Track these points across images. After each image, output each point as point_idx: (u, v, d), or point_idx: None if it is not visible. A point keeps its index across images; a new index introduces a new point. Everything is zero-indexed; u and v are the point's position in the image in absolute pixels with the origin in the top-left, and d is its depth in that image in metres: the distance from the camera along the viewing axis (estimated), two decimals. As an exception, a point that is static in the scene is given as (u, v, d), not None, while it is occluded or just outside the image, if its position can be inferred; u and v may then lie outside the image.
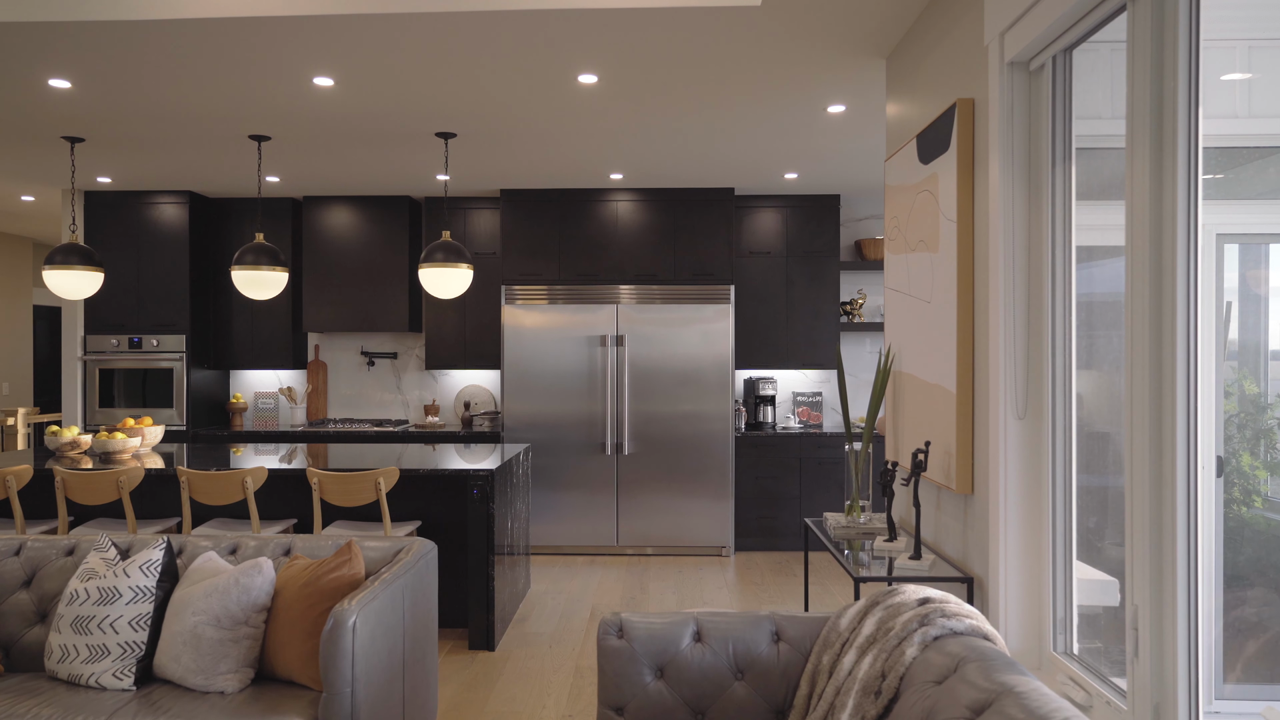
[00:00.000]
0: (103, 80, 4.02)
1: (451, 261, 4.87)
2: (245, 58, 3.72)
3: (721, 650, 2.21)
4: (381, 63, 3.78)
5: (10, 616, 2.93)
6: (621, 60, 3.75)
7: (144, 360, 6.59)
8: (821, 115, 4.55)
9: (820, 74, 3.93)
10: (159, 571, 2.77)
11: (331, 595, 2.63)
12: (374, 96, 4.24)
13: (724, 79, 3.99)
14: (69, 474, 4.14)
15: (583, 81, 4.00)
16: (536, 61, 3.77)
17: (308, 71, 3.90)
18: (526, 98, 4.26)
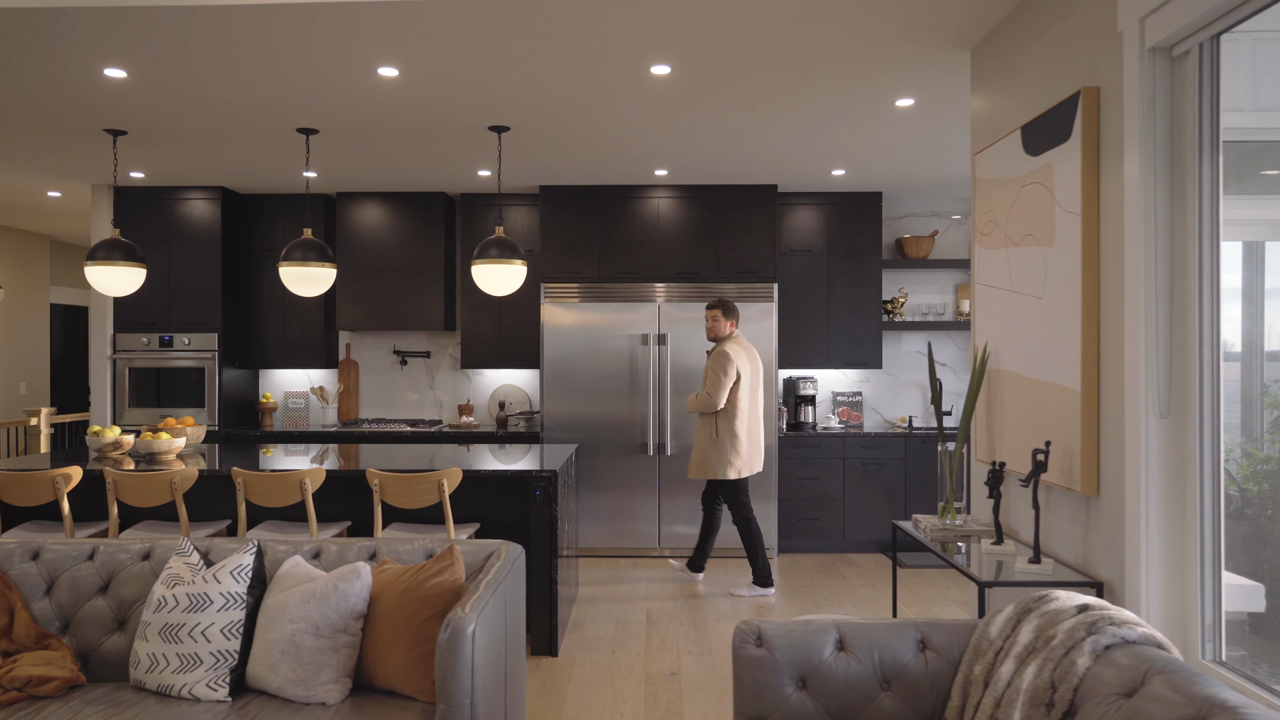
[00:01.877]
0: (159, 71, 3.90)
1: (505, 258, 4.76)
2: (309, 46, 3.61)
3: (866, 659, 2.11)
4: (447, 52, 3.67)
5: (88, 624, 2.82)
6: (697, 50, 3.66)
7: (175, 359, 6.47)
8: (889, 109, 4.46)
9: (894, 66, 3.84)
10: (250, 577, 2.66)
11: (434, 602, 2.53)
12: (435, 88, 4.13)
13: (796, 71, 3.90)
14: (120, 475, 4.03)
15: (655, 73, 3.90)
16: (608, 51, 3.67)
17: (373, 61, 3.79)
18: (591, 90, 4.16)
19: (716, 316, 5.34)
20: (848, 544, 6.49)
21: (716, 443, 5.25)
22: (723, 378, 5.17)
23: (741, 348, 5.31)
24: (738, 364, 5.21)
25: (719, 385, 5.18)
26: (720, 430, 5.26)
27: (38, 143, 5.17)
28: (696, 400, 5.27)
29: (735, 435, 5.25)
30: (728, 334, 5.35)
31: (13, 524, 4.57)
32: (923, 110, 4.47)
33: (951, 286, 7.01)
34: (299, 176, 6.13)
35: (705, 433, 5.31)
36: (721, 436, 5.25)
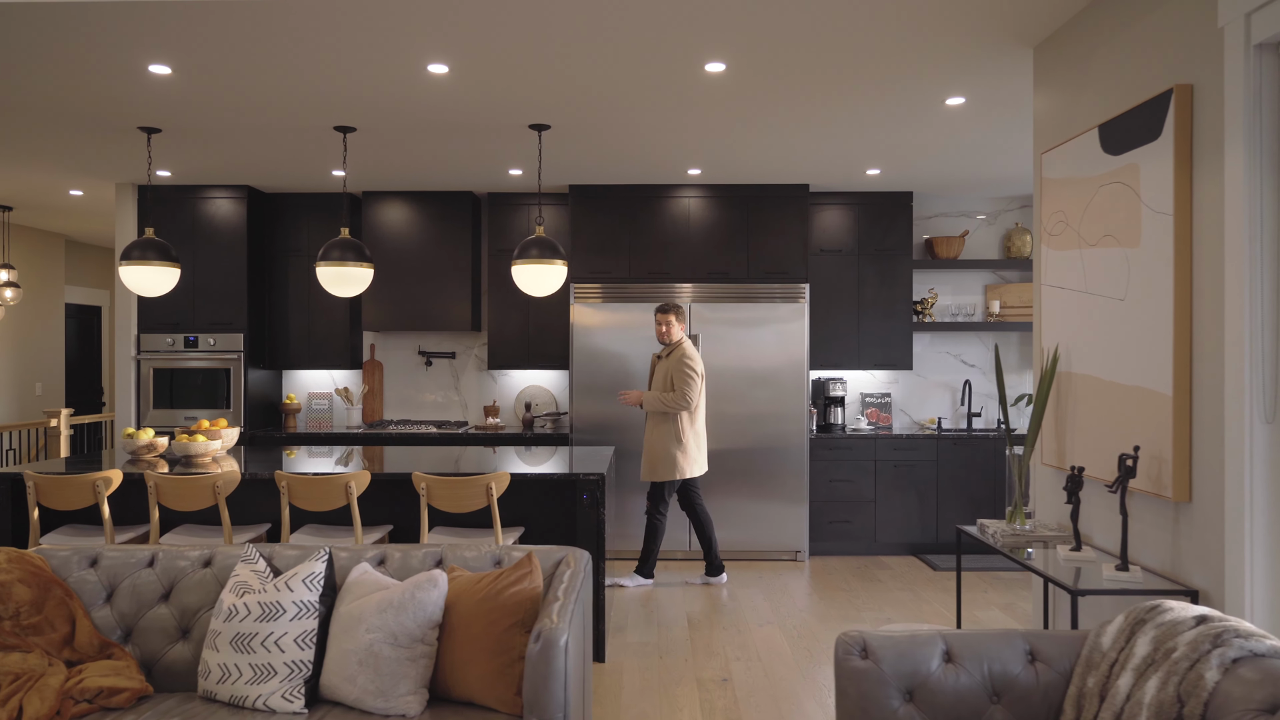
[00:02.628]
0: (203, 67, 3.83)
1: (546, 258, 4.70)
2: (360, 41, 3.55)
3: (975, 671, 2.06)
4: (498, 48, 3.61)
5: (151, 632, 2.75)
6: (753, 47, 3.60)
7: (200, 360, 6.39)
8: (939, 108, 4.41)
9: (948, 65, 3.78)
10: (322, 585, 2.60)
11: (514, 611, 2.47)
12: (482, 85, 4.07)
13: (849, 68, 3.84)
14: (162, 479, 3.96)
15: (710, 70, 3.84)
16: (664, 48, 3.61)
17: (425, 58, 3.73)
18: (640, 88, 4.10)
19: (670, 321, 5.33)
20: (879, 546, 6.44)
21: (681, 444, 5.27)
22: (695, 379, 5.21)
23: (695, 349, 5.41)
24: (700, 365, 5.30)
25: (692, 386, 5.20)
26: (684, 431, 5.29)
27: (68, 140, 5.09)
28: (661, 400, 5.22)
29: (698, 435, 5.33)
30: (679, 337, 5.34)
31: (48, 528, 4.49)
32: (972, 109, 4.42)
33: (980, 287, 6.96)
34: (328, 175, 6.06)
35: (667, 433, 5.28)
36: (686, 437, 5.29)
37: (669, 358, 5.30)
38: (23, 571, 2.73)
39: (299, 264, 6.67)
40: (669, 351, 5.32)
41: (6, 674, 2.45)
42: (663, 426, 5.30)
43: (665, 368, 5.29)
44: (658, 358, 5.43)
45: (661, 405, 5.23)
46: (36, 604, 2.69)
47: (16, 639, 2.60)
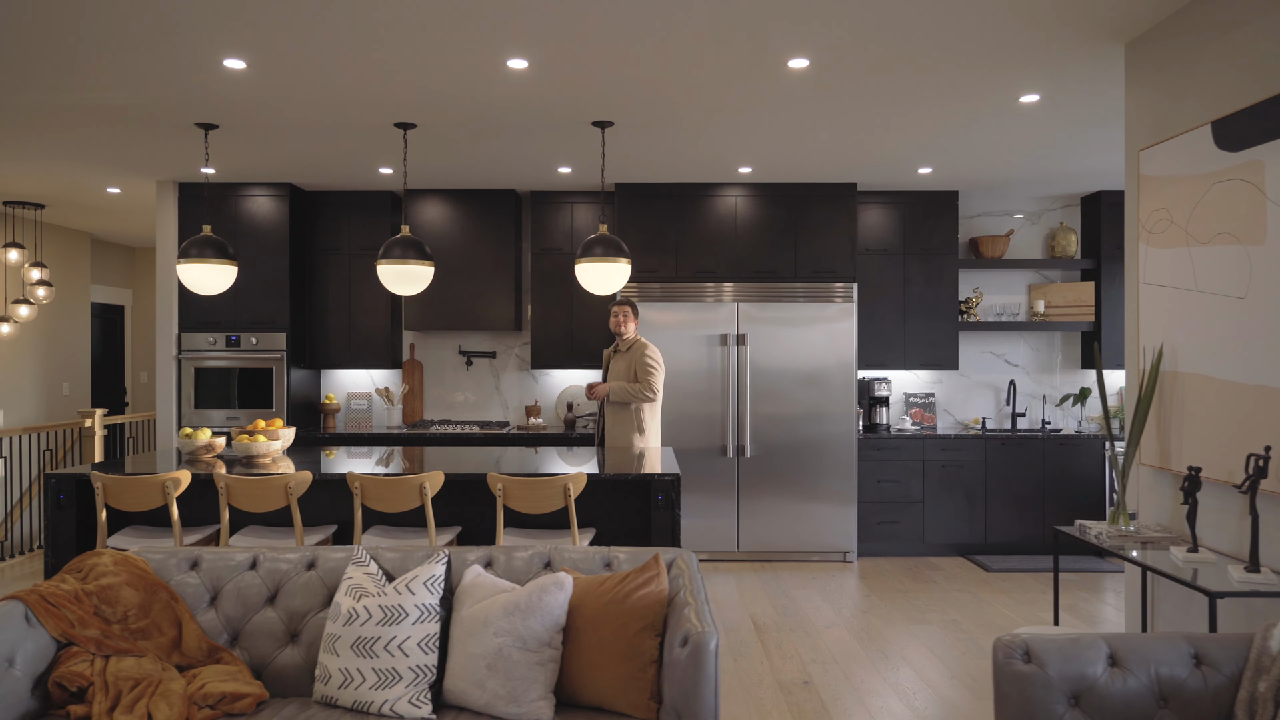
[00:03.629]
0: (279, 60, 3.78)
1: (611, 256, 4.65)
2: (441, 34, 3.49)
3: (1142, 675, 2.02)
4: (579, 44, 3.57)
5: (259, 636, 2.69)
6: (838, 42, 3.56)
7: (242, 359, 6.33)
8: (1011, 105, 4.37)
9: (1028, 60, 3.75)
10: (443, 588, 2.55)
11: (643, 614, 2.42)
12: (558, 81, 4.02)
13: (929, 64, 3.81)
14: (233, 480, 3.90)
15: (793, 66, 3.80)
16: (748, 43, 3.56)
17: (505, 53, 3.68)
18: (717, 84, 4.06)
19: (629, 314, 5.31)
20: (927, 547, 6.41)
21: (643, 433, 5.23)
22: (660, 371, 5.19)
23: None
24: (661, 357, 5.29)
25: (658, 378, 5.18)
26: (647, 424, 5.25)
27: (119, 136, 5.02)
28: (628, 390, 5.16)
29: (657, 428, 5.30)
30: (634, 333, 5.33)
31: (110, 530, 4.42)
32: (1046, 107, 4.39)
33: (1023, 287, 6.94)
34: (373, 173, 6.00)
35: (627, 422, 5.22)
36: (648, 430, 5.25)
37: (629, 351, 5.26)
38: (129, 574, 2.67)
39: (338, 262, 6.60)
40: (628, 346, 5.28)
41: (125, 679, 2.39)
42: (623, 415, 5.24)
43: (627, 361, 5.24)
44: (614, 352, 5.36)
45: (629, 396, 5.17)
46: (144, 608, 2.63)
47: (128, 643, 2.54)
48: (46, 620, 2.43)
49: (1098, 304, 6.61)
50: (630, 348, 5.27)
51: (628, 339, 5.30)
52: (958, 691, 3.81)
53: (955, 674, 4.01)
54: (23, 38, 3.50)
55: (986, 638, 4.53)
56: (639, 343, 5.27)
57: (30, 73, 3.91)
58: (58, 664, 2.42)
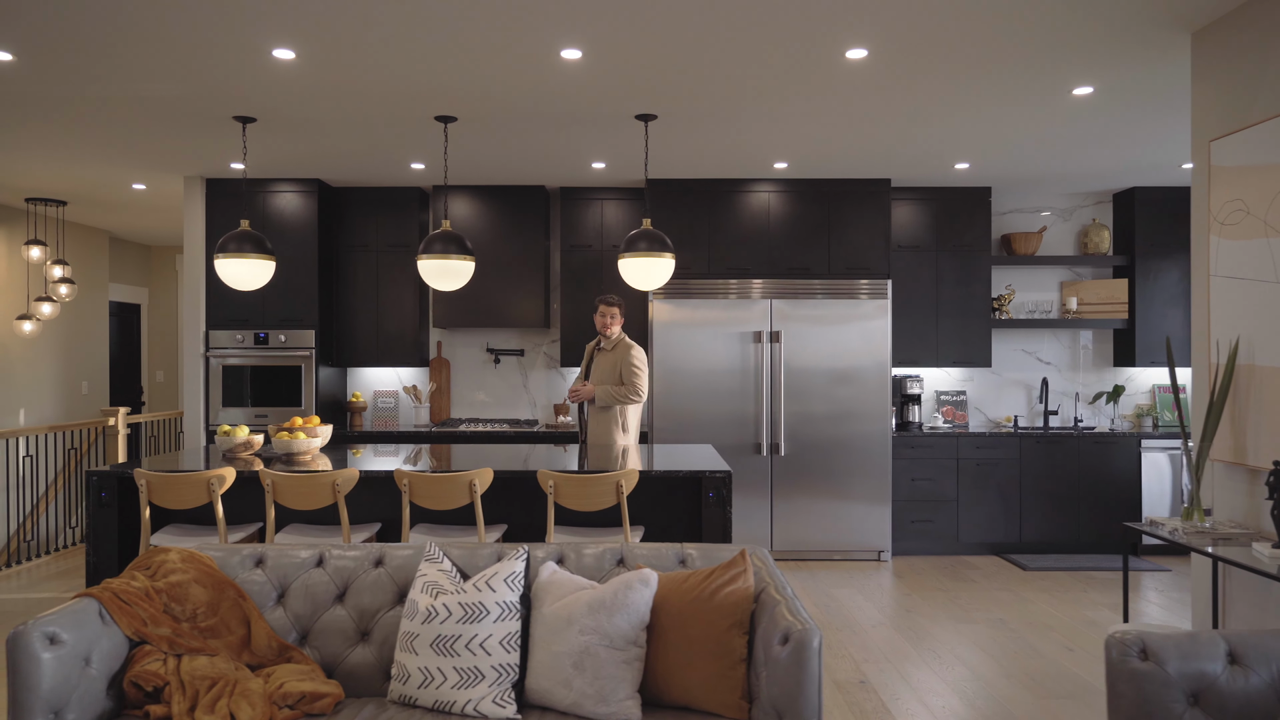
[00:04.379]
0: (328, 50, 3.72)
1: (655, 251, 4.60)
2: (494, 23, 3.44)
3: (1264, 672, 1.96)
4: (634, 33, 3.51)
5: (330, 634, 2.63)
6: (899, 32, 3.51)
7: (270, 357, 6.26)
8: (1064, 98, 4.32)
9: (1084, 51, 3.70)
10: (523, 585, 2.49)
11: (731, 611, 2.36)
12: (610, 72, 3.97)
13: (986, 55, 3.76)
14: (279, 477, 3.84)
15: (851, 57, 3.75)
16: (806, 33, 3.51)
17: (559, 42, 3.62)
18: (771, 75, 4.00)
19: (616, 314, 5.19)
20: (961, 546, 6.35)
21: (626, 431, 5.16)
22: (645, 374, 5.11)
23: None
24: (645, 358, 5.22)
25: (643, 381, 5.09)
26: (629, 424, 5.18)
27: (153, 130, 4.96)
28: (613, 394, 5.06)
29: (638, 427, 5.24)
30: (620, 332, 5.23)
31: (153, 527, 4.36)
32: (1099, 99, 4.33)
33: (1055, 284, 6.89)
34: (405, 169, 5.94)
35: (609, 420, 5.13)
36: (631, 428, 5.17)
37: (614, 351, 5.16)
38: (197, 571, 2.61)
39: (365, 259, 6.54)
40: (612, 345, 5.17)
41: (201, 678, 2.33)
42: (607, 413, 5.15)
43: (612, 360, 5.14)
44: (596, 349, 5.25)
45: (614, 399, 5.07)
46: (213, 605, 2.57)
47: (199, 642, 2.48)
48: (120, 618, 2.37)
49: (1131, 301, 6.56)
50: (615, 347, 5.16)
51: (613, 338, 5.19)
52: (1016, 690, 3.75)
53: (1010, 673, 3.96)
54: (69, 29, 3.44)
55: (1037, 637, 4.48)
56: (624, 343, 5.17)
57: (73, 64, 3.85)
58: (131, 663, 2.36)
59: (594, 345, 5.31)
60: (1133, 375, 6.84)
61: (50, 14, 3.32)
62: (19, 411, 7.46)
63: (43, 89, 4.19)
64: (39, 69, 3.91)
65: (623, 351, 5.14)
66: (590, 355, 5.32)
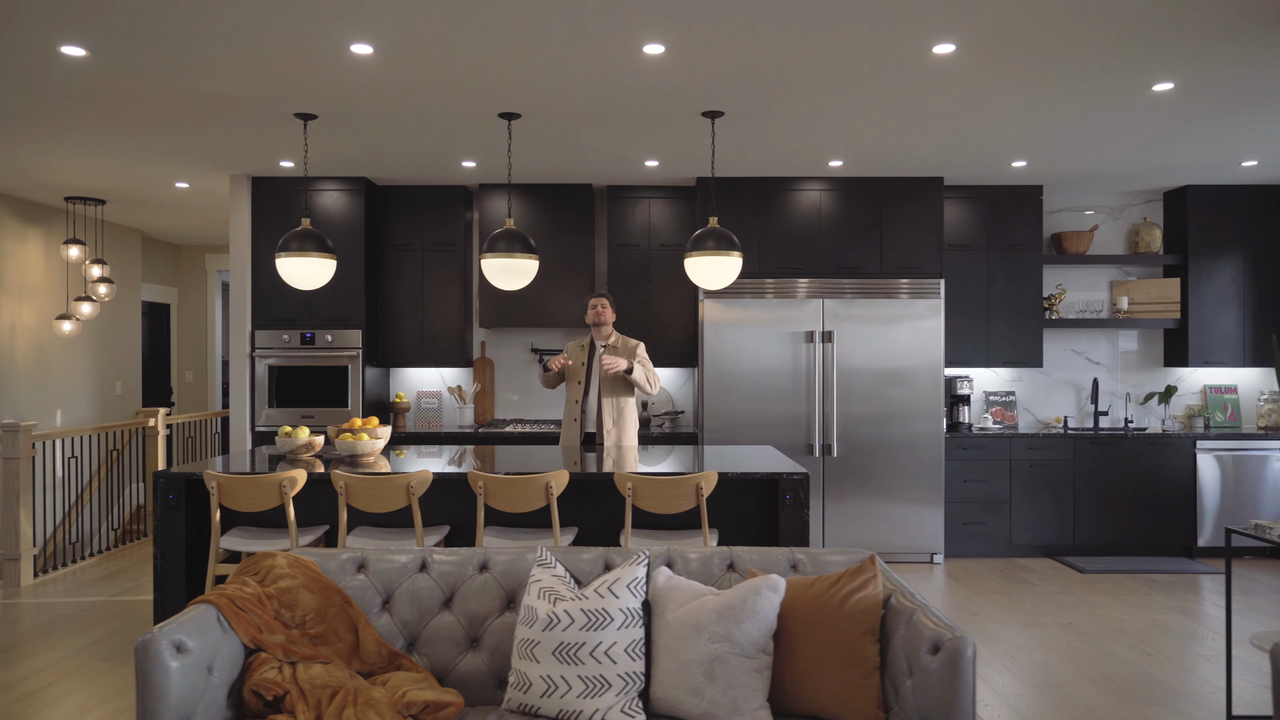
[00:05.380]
0: (404, 45, 3.66)
1: (723, 249, 4.54)
2: (571, 17, 3.38)
3: None
4: (717, 26, 3.45)
5: (439, 641, 2.58)
6: (988, 25, 3.44)
7: (317, 357, 6.21)
8: (1142, 94, 4.25)
9: (1168, 44, 3.63)
10: (645, 591, 2.43)
11: (862, 619, 2.30)
12: (690, 67, 3.90)
13: (1071, 49, 3.69)
14: (352, 479, 3.78)
15: (938, 52, 3.69)
16: (890, 27, 3.45)
17: (643, 37, 3.56)
18: (847, 71, 3.94)
19: (608, 305, 5.04)
20: (1014, 548, 6.29)
21: (632, 434, 5.07)
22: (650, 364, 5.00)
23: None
24: None
25: (653, 372, 4.99)
26: (637, 421, 5.11)
27: (209, 127, 4.90)
28: (646, 375, 4.90)
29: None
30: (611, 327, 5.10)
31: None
32: (1179, 94, 4.26)
33: (1104, 283, 6.82)
34: (455, 167, 5.88)
35: (630, 423, 5.03)
36: (636, 428, 5.09)
37: (620, 346, 5.02)
38: (305, 577, 2.55)
39: (410, 258, 6.48)
40: (609, 340, 5.03)
41: (321, 687, 2.27)
42: (626, 412, 5.02)
43: (622, 354, 5.00)
44: (585, 346, 5.09)
45: (645, 380, 4.90)
46: (321, 612, 2.52)
47: (310, 649, 2.43)
48: (237, 625, 2.31)
49: (1184, 300, 6.49)
50: (615, 342, 5.04)
51: (607, 331, 5.05)
52: (1104, 697, 3.68)
53: (1094, 679, 3.89)
54: (145, 25, 3.39)
55: (1112, 641, 4.41)
56: (625, 339, 5.07)
57: (144, 60, 3.79)
58: (248, 671, 2.30)
59: (583, 344, 5.11)
60: (1183, 375, 6.77)
61: (128, 10, 3.26)
62: (56, 412, 7.41)
63: (112, 85, 4.13)
64: (111, 65, 3.86)
65: (631, 346, 5.04)
66: (585, 354, 5.09)
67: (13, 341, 6.91)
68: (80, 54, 3.69)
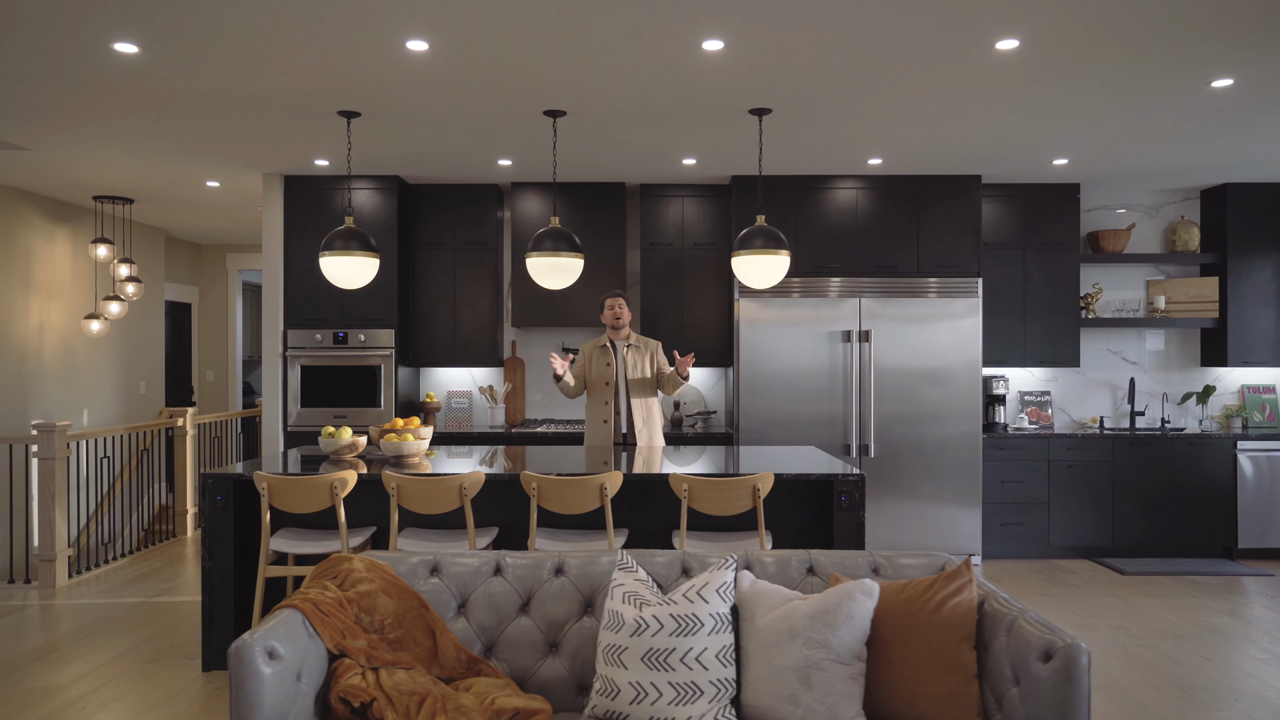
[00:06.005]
0: (460, 42, 3.61)
1: (772, 248, 4.49)
2: (637, 14, 3.33)
3: None
4: (779, 22, 3.40)
5: (518, 646, 2.53)
6: (1052, 22, 3.39)
7: (350, 357, 6.16)
8: (1200, 89, 4.20)
9: (1230, 39, 3.57)
10: (733, 595, 2.38)
11: (959, 624, 2.25)
12: (747, 63, 3.85)
13: (1131, 45, 3.64)
14: (404, 480, 3.74)
15: (1001, 48, 3.64)
16: (953, 22, 3.40)
17: (702, 33, 3.51)
18: (904, 67, 3.89)
19: (625, 304, 4.99)
20: (1052, 550, 6.23)
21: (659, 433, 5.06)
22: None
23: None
24: None
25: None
26: (661, 414, 5.11)
27: (248, 125, 4.86)
28: (671, 382, 4.92)
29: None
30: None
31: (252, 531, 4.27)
32: (1237, 91, 4.21)
33: (1140, 282, 6.76)
34: (491, 165, 5.83)
35: (658, 422, 5.03)
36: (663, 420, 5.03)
37: (638, 345, 4.99)
38: (382, 581, 2.51)
39: (442, 257, 6.44)
40: (628, 339, 4.98)
41: (407, 694, 2.22)
42: (653, 412, 5.01)
43: (643, 354, 4.98)
44: (614, 345, 5.00)
45: (679, 385, 4.92)
46: (399, 616, 2.47)
47: (391, 654, 2.38)
48: (322, 630, 2.27)
49: (1222, 299, 6.44)
50: (636, 342, 5.00)
51: (625, 331, 5.01)
52: (1172, 703, 3.63)
53: (1158, 684, 3.84)
54: (199, 22, 3.34)
55: (1167, 645, 4.36)
56: (642, 338, 5.06)
57: (195, 57, 3.75)
58: (333, 677, 2.25)
59: (599, 345, 5.03)
60: (1220, 375, 6.72)
61: (186, 7, 3.21)
62: (83, 412, 7.37)
63: (160, 83, 4.09)
64: (162, 62, 3.81)
65: (653, 347, 5.04)
66: (591, 356, 5.01)
67: (41, 341, 6.87)
68: (132, 51, 3.65)
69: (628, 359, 4.99)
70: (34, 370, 6.79)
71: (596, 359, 5.04)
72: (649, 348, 5.03)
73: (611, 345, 5.04)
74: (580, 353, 5.11)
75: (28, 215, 6.74)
